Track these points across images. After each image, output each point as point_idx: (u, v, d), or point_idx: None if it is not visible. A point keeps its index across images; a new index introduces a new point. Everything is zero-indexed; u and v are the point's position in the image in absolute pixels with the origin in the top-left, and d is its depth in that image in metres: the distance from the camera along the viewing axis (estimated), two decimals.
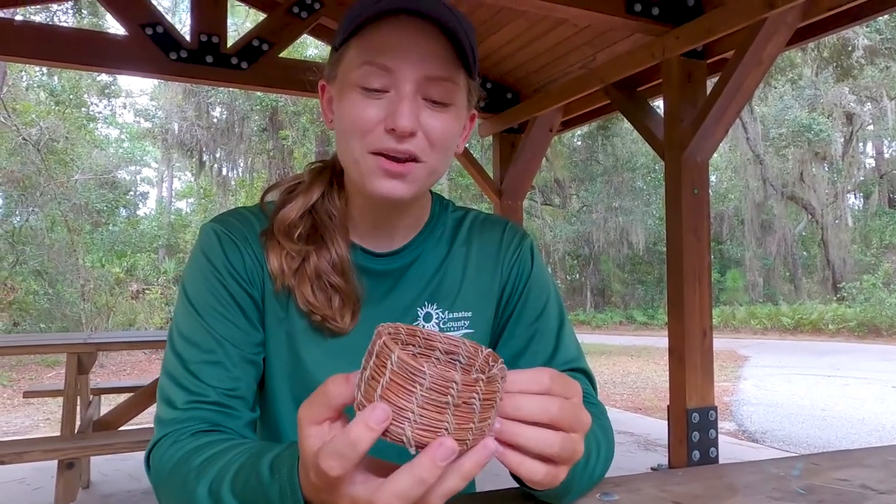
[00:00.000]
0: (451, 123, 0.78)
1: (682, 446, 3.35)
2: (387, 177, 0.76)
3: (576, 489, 0.69)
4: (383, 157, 0.75)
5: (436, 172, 0.80)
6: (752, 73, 3.19)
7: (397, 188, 0.76)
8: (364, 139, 0.76)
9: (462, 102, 0.80)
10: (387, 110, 0.74)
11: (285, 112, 16.35)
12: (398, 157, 0.75)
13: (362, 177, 0.77)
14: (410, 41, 0.74)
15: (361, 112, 0.75)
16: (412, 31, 0.74)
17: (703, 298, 3.43)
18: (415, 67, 0.74)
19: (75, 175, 14.86)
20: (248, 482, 0.60)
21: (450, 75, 0.76)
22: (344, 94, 0.78)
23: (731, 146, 20.02)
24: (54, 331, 11.03)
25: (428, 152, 0.77)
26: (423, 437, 0.44)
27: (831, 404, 7.26)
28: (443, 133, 0.77)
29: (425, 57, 0.74)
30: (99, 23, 13.79)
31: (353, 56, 0.77)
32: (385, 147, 0.75)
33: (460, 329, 0.90)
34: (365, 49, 0.75)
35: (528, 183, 5.29)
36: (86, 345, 3.31)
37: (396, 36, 0.74)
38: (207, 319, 0.79)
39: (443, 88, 0.76)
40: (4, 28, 3.75)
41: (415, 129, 0.74)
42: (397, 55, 0.74)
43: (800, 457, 0.90)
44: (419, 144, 0.76)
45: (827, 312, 16.53)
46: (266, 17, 4.44)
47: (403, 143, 0.74)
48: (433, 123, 0.76)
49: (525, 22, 4.17)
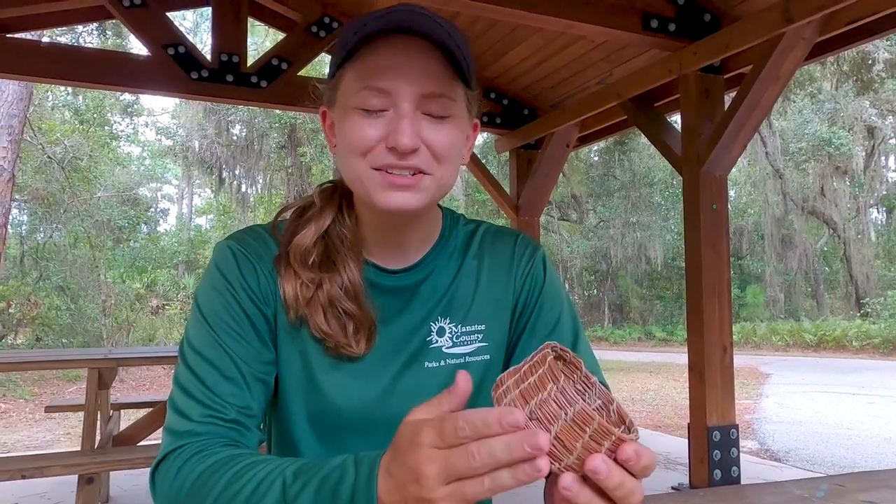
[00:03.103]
0: (453, 134, 0.79)
1: (704, 465, 3.30)
2: (394, 189, 0.76)
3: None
4: (386, 172, 0.76)
5: (444, 184, 0.80)
6: (770, 88, 3.17)
7: (407, 200, 0.77)
8: (366, 157, 0.76)
9: (462, 113, 0.81)
10: (387, 129, 0.75)
11: (303, 129, 16.52)
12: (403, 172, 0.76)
13: (369, 193, 0.78)
14: (405, 60, 0.75)
15: (361, 132, 0.76)
16: (406, 51, 0.75)
17: (723, 314, 3.40)
18: (412, 86, 0.75)
19: (98, 192, 15.12)
20: (311, 477, 0.61)
21: (446, 91, 0.77)
22: (344, 117, 0.79)
23: (750, 160, 19.86)
24: (76, 346, 11.16)
25: (434, 165, 0.77)
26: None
27: (856, 423, 7.11)
28: (446, 144, 0.78)
29: (421, 75, 0.75)
30: (122, 43, 14.08)
31: (349, 80, 0.78)
32: (387, 164, 0.76)
33: (474, 342, 0.90)
34: (361, 73, 0.76)
35: (546, 198, 5.29)
36: (106, 360, 3.34)
37: (391, 57, 0.75)
38: (221, 336, 0.80)
39: (441, 103, 0.77)
40: (31, 49, 3.85)
41: (416, 145, 0.75)
42: (393, 76, 0.75)
43: (824, 477, 0.88)
44: (423, 158, 0.76)
45: (850, 329, 16.23)
46: (285, 36, 4.52)
47: (407, 160, 0.75)
48: (435, 136, 0.77)
49: (541, 39, 4.20)
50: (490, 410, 0.48)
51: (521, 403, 0.49)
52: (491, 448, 0.47)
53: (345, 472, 0.59)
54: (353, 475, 0.58)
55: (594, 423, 0.48)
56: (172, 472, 0.72)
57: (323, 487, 0.60)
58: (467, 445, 0.48)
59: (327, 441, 0.87)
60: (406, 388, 0.87)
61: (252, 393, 0.80)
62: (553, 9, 3.14)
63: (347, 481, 0.58)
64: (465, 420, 0.49)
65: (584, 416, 0.48)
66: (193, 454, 0.72)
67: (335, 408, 0.85)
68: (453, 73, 0.77)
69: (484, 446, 0.48)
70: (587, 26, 3.28)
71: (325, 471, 0.61)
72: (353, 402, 0.85)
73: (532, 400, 0.49)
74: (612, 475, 0.48)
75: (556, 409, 0.48)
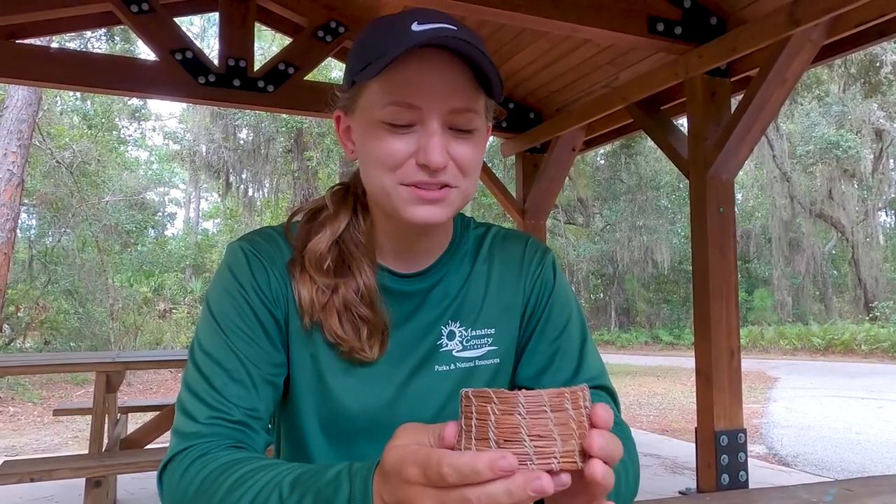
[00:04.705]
0: (477, 148, 0.80)
1: (711, 470, 3.29)
2: (423, 204, 0.77)
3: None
4: (415, 187, 0.76)
5: (468, 195, 0.81)
6: (777, 91, 3.16)
7: (434, 213, 0.78)
8: (395, 173, 0.77)
9: (483, 124, 0.81)
10: (416, 144, 0.75)
11: (310, 133, 16.57)
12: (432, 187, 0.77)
13: (396, 207, 0.78)
14: (434, 77, 0.75)
15: (390, 148, 0.76)
16: (435, 66, 0.74)
17: (731, 318, 3.38)
18: (441, 102, 0.75)
19: (106, 196, 15.21)
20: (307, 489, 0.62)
21: (472, 105, 0.77)
22: (368, 129, 0.78)
23: (757, 164, 19.79)
24: (84, 349, 11.21)
25: (460, 179, 0.78)
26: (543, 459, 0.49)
27: (865, 427, 7.06)
28: (472, 159, 0.79)
29: (450, 91, 0.75)
30: (131, 49, 14.17)
31: (375, 93, 0.77)
32: (418, 180, 0.76)
33: (483, 346, 0.90)
34: (389, 88, 0.75)
35: (552, 202, 5.29)
36: (114, 364, 3.36)
37: (419, 72, 0.74)
38: (231, 337, 0.80)
39: (467, 118, 0.77)
40: (41, 55, 3.88)
41: (446, 162, 0.76)
42: (423, 93, 0.74)
43: (833, 482, 0.88)
44: (451, 174, 0.77)
45: (859, 333, 16.11)
46: (291, 41, 4.54)
47: (437, 176, 0.76)
48: (462, 151, 0.77)
49: (547, 43, 4.20)
50: (479, 456, 0.47)
51: (484, 447, 0.49)
52: (491, 495, 0.47)
53: (339, 485, 0.60)
54: (348, 491, 0.59)
55: (544, 398, 0.48)
56: (178, 474, 0.73)
57: (319, 501, 0.61)
58: (463, 491, 0.47)
59: (337, 444, 0.87)
60: (416, 391, 0.87)
61: (259, 395, 0.80)
62: (559, 13, 3.14)
63: (342, 496, 0.59)
64: (451, 467, 0.47)
65: (535, 400, 0.48)
66: (197, 457, 0.73)
67: (346, 411, 0.85)
68: (478, 86, 0.77)
69: (484, 494, 0.47)
70: (593, 30, 3.28)
71: (320, 483, 0.62)
72: (364, 406, 0.85)
73: (489, 433, 0.49)
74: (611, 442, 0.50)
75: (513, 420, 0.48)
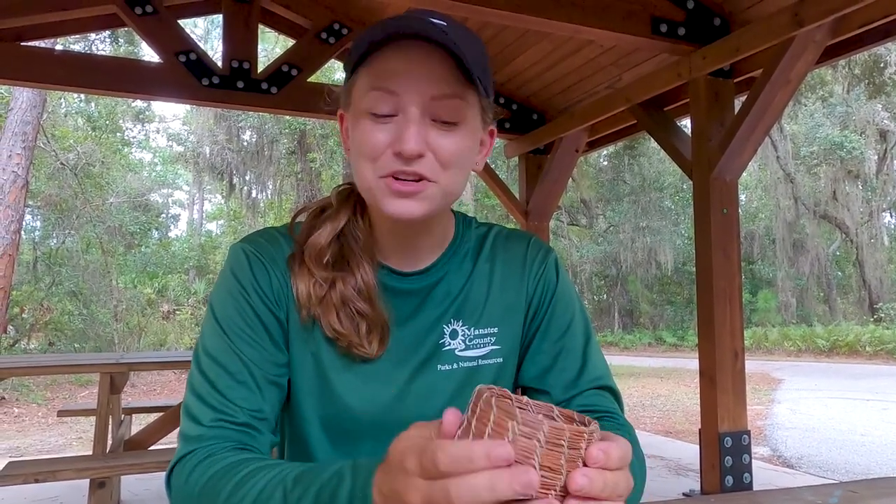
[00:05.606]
0: (462, 142, 0.78)
1: (715, 471, 3.28)
2: (398, 197, 0.77)
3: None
4: (393, 178, 0.76)
5: (450, 192, 0.80)
6: (781, 92, 3.16)
7: (409, 207, 0.77)
8: (375, 164, 0.77)
9: (474, 120, 0.80)
10: (394, 134, 0.76)
11: (313, 135, 16.59)
12: (408, 178, 0.76)
13: (376, 200, 0.78)
14: (414, 64, 0.75)
15: (371, 138, 0.77)
16: (415, 55, 0.75)
17: (734, 319, 3.37)
18: (419, 89, 0.75)
19: (110, 198, 15.25)
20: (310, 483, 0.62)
21: (456, 92, 0.76)
22: (356, 121, 0.79)
23: (761, 165, 19.75)
24: (88, 350, 11.24)
25: (438, 172, 0.77)
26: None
27: (870, 429, 7.03)
28: (453, 152, 0.77)
29: (429, 78, 0.75)
30: (134, 51, 14.22)
31: (362, 83, 0.78)
32: (394, 170, 0.76)
33: (486, 345, 0.90)
34: (372, 76, 0.77)
35: (555, 203, 5.29)
36: (118, 365, 3.36)
37: (400, 60, 0.75)
38: (234, 339, 0.80)
39: (450, 107, 0.76)
40: (45, 57, 3.89)
41: (422, 151, 0.75)
42: (402, 79, 0.75)
43: (838, 484, 0.87)
44: (428, 165, 0.76)
45: (864, 334, 16.06)
46: (295, 42, 4.55)
47: (412, 165, 0.75)
48: (442, 143, 0.77)
49: (550, 44, 4.20)
50: (477, 442, 0.46)
51: None
52: (472, 486, 0.45)
53: (342, 479, 0.60)
54: (350, 484, 0.59)
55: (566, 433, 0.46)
56: (183, 477, 0.73)
57: (322, 494, 0.61)
58: (447, 482, 0.46)
59: (340, 444, 0.87)
60: (419, 390, 0.87)
61: (264, 396, 0.80)
62: (562, 14, 3.14)
63: (344, 489, 0.59)
64: (445, 453, 0.46)
65: (557, 432, 0.46)
66: (202, 459, 0.73)
67: (348, 410, 0.85)
68: (464, 79, 0.77)
69: (464, 485, 0.45)
70: (596, 31, 3.27)
71: (323, 477, 0.62)
72: (366, 405, 0.85)
73: None
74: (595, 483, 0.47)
75: (530, 444, 0.46)
